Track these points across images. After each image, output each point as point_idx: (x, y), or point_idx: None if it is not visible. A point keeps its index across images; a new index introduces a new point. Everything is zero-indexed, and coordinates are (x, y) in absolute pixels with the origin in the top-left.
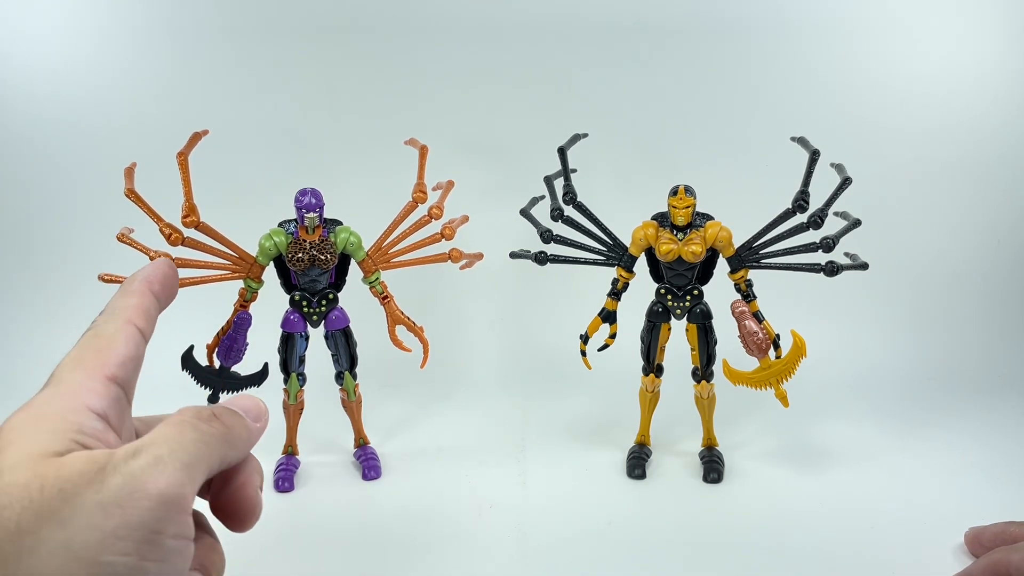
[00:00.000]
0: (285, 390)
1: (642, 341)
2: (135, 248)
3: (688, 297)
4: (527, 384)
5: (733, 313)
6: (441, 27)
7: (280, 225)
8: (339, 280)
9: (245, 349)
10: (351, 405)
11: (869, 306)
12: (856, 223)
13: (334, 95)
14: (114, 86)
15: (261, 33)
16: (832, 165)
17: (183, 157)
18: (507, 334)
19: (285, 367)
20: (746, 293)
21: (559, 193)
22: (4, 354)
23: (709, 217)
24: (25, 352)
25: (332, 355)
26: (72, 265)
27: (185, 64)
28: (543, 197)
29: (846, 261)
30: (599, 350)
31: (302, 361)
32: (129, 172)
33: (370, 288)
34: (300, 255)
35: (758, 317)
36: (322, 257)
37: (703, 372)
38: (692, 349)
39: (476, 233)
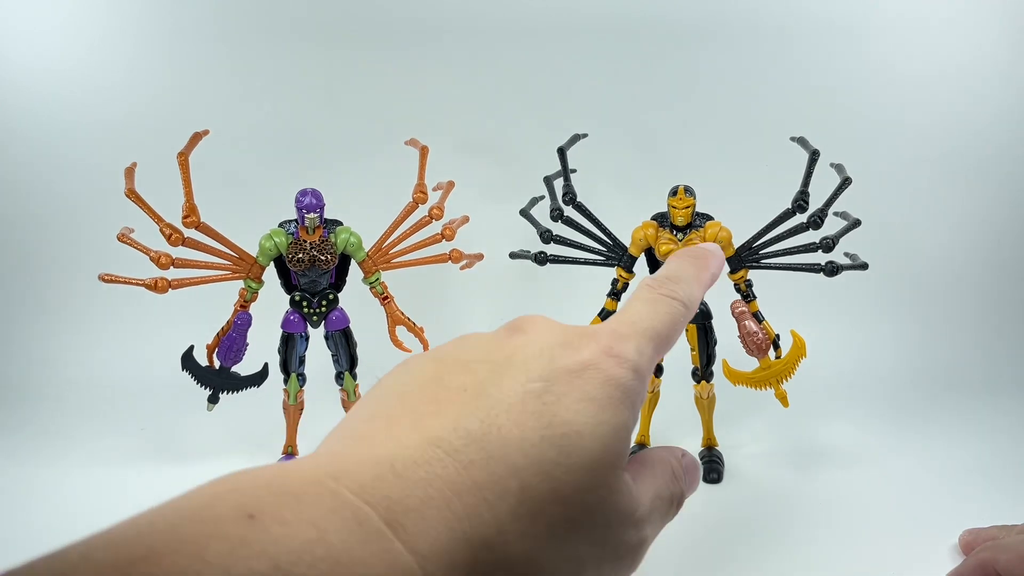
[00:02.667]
0: (285, 390)
1: None
2: (135, 248)
3: None
4: None
5: (733, 313)
6: (441, 27)
7: (280, 225)
8: (339, 280)
9: (245, 349)
10: (351, 405)
11: (869, 306)
12: (856, 223)
13: (334, 95)
14: (114, 86)
15: (261, 33)
16: (832, 165)
17: (183, 157)
18: None
19: (285, 367)
20: (746, 293)
21: (559, 193)
22: (4, 354)
23: (709, 217)
24: (25, 352)
25: (332, 355)
26: (72, 265)
27: (185, 64)
28: (543, 197)
29: (846, 261)
30: None
31: (302, 361)
32: (129, 172)
33: (370, 289)
34: (300, 255)
35: (758, 317)
36: (322, 257)
37: (703, 372)
38: (692, 349)
39: (476, 233)
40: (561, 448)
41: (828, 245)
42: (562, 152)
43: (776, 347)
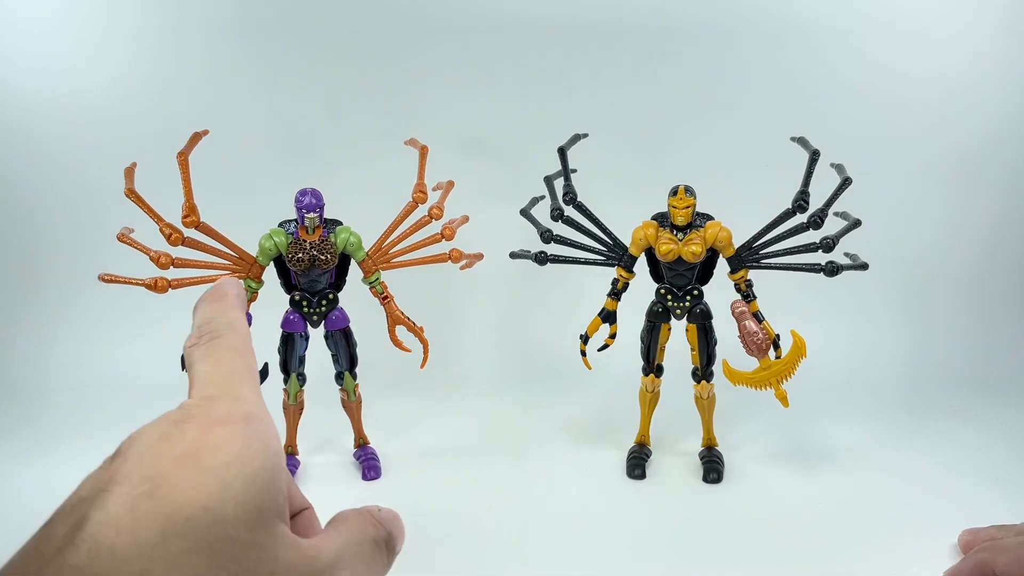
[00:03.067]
0: (285, 390)
1: (642, 341)
2: (135, 248)
3: (688, 297)
4: (527, 384)
5: (733, 313)
6: (441, 27)
7: (280, 225)
8: (339, 280)
9: None
10: (351, 405)
11: (869, 306)
12: (856, 223)
13: (334, 95)
14: (114, 86)
15: (262, 33)
16: (832, 165)
17: (183, 157)
18: (507, 334)
19: (285, 367)
20: (746, 293)
21: (559, 193)
22: (4, 354)
23: (709, 217)
24: (25, 352)
25: (332, 355)
26: (72, 265)
27: (185, 64)
28: (543, 197)
29: (846, 261)
30: (599, 350)
31: (302, 361)
32: (129, 172)
33: (370, 288)
34: (300, 255)
35: (758, 317)
36: (322, 257)
37: (703, 372)
38: (692, 349)
39: (476, 233)
40: (188, 533)
41: (828, 245)
42: (562, 152)
43: (776, 347)
